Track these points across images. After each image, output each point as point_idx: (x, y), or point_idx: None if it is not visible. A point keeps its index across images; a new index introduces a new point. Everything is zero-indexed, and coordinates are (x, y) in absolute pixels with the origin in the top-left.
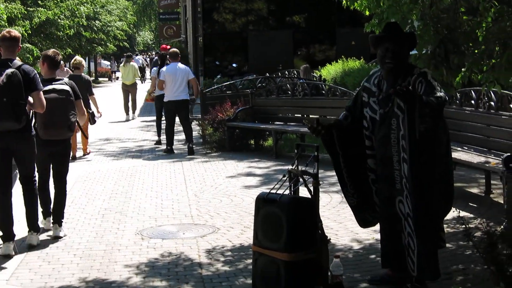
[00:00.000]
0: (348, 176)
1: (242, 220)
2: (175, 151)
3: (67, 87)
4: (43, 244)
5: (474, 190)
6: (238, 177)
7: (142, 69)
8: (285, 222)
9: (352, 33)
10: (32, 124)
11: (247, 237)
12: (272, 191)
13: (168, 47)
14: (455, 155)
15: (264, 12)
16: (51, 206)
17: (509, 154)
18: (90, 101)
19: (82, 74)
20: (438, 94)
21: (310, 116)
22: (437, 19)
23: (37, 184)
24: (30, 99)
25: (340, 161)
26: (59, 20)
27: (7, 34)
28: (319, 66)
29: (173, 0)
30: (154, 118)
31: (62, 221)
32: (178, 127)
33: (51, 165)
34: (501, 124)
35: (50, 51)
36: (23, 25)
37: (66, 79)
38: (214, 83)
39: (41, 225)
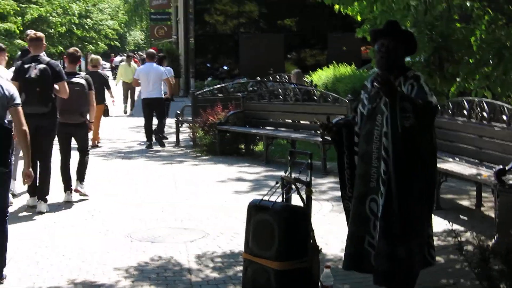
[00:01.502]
0: (349, 178)
1: (232, 226)
2: (165, 153)
3: (82, 81)
4: (31, 244)
5: (465, 203)
6: (228, 182)
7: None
8: (277, 230)
9: (344, 38)
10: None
11: (237, 244)
12: (265, 198)
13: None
14: (446, 166)
15: (256, 15)
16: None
17: (501, 166)
18: (107, 94)
19: (99, 70)
20: (429, 99)
21: (301, 122)
22: (431, 26)
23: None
24: (56, 87)
25: (344, 161)
26: (51, 18)
27: (34, 35)
28: (310, 71)
29: (165, 1)
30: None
31: (83, 181)
32: (167, 128)
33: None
34: (494, 135)
35: (72, 49)
36: (15, 22)
37: (83, 74)
38: (205, 86)
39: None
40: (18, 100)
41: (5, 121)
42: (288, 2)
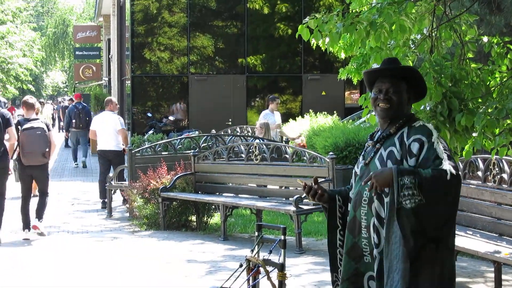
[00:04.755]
0: (342, 259)
1: None
2: (93, 227)
3: (42, 124)
4: None
5: None
6: (176, 263)
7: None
8: None
9: (323, 80)
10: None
11: None
12: (225, 286)
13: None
14: (456, 241)
15: (209, 51)
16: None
17: None
18: None
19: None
20: (444, 165)
21: (269, 186)
22: (439, 67)
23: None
24: (6, 135)
25: (337, 238)
26: None
27: None
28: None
29: (93, 33)
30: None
31: (42, 219)
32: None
33: (32, 185)
34: None
35: (27, 97)
36: None
37: (41, 118)
38: (145, 141)
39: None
40: None
41: None
42: (251, 35)
